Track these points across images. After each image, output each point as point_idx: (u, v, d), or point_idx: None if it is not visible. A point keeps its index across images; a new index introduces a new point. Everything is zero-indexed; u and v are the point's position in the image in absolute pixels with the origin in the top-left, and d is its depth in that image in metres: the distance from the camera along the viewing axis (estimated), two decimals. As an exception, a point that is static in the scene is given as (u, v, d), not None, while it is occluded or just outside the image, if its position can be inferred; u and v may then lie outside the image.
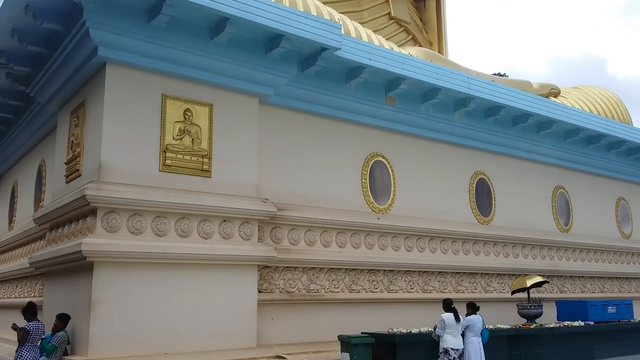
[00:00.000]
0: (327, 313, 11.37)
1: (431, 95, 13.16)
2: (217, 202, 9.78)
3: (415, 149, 13.69)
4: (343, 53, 11.17)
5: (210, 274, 9.65)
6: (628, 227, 19.01)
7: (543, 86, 19.80)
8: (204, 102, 10.18)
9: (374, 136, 12.98)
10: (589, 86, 21.90)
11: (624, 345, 13.81)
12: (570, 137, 16.46)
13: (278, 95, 11.28)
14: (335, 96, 12.10)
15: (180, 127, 9.83)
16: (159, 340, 8.95)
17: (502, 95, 13.98)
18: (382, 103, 12.83)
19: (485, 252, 14.50)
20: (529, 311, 13.00)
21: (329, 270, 11.57)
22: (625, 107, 21.11)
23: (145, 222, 9.18)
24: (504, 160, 15.55)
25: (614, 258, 18.12)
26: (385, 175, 13.04)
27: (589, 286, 17.06)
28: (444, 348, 9.84)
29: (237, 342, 9.67)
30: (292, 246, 11.11)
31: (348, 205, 12.17)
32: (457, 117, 14.11)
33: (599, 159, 17.79)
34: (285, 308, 10.87)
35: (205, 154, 10.00)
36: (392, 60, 12.03)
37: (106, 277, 8.71)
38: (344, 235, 11.93)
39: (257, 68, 10.60)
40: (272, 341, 10.41)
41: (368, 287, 12.10)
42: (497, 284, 14.57)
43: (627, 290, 18.29)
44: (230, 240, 9.93)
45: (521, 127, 15.30)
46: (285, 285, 10.89)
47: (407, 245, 12.96)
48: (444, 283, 13.46)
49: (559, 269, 16.04)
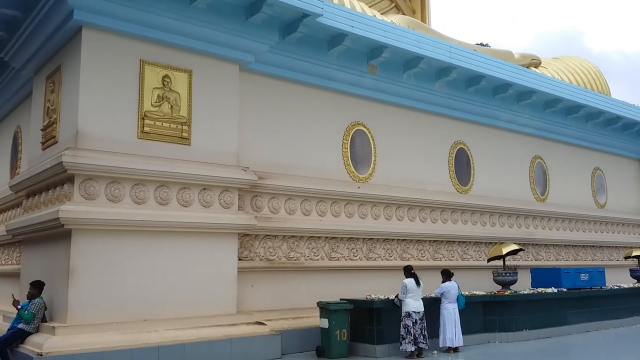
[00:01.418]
0: (307, 280, 11.50)
1: (413, 64, 13.12)
2: (197, 170, 9.72)
3: (396, 118, 13.70)
4: (325, 20, 11.03)
5: (190, 242, 9.66)
6: (603, 197, 19.41)
7: (524, 56, 19.83)
8: (183, 69, 10.02)
9: (356, 105, 12.95)
10: (569, 57, 22.01)
11: (595, 312, 14.26)
12: (549, 107, 16.61)
13: (259, 62, 11.14)
14: (317, 64, 12.00)
15: (159, 93, 9.68)
16: (138, 307, 8.98)
17: (483, 64, 14.00)
18: (364, 71, 12.76)
19: (463, 220, 14.72)
20: (504, 278, 13.30)
21: (309, 239, 11.66)
22: (604, 78, 21.31)
23: (123, 190, 9.11)
24: (483, 130, 15.67)
25: (589, 227, 18.54)
26: (366, 145, 13.06)
27: (563, 254, 17.47)
28: (406, 311, 10.09)
29: (217, 309, 9.76)
30: (273, 214, 11.15)
31: (329, 174, 12.21)
32: (439, 87, 14.11)
33: (577, 129, 18.02)
34: (266, 275, 10.97)
35: (184, 121, 9.88)
36: (375, 27, 11.92)
37: (84, 245, 8.67)
38: (324, 204, 11.99)
39: (237, 34, 10.42)
40: (252, 308, 10.52)
41: (347, 255, 12.24)
42: (473, 251, 14.84)
43: (600, 259, 18.78)
44: (210, 208, 9.92)
45: (501, 97, 15.38)
46: (266, 253, 10.97)
47: (386, 214, 13.09)
48: (422, 251, 13.67)
49: (535, 238, 16.38)
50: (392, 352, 10.21)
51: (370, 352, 10.14)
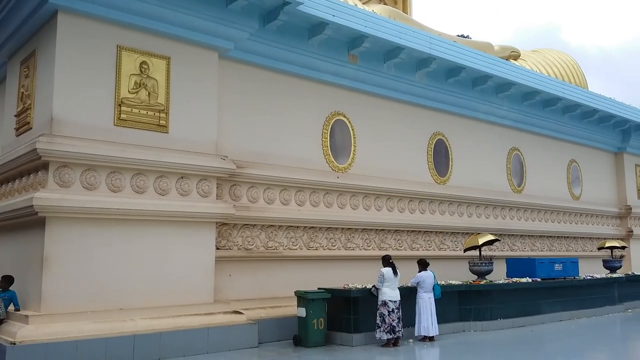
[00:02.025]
0: (285, 270, 11.52)
1: (393, 55, 13.12)
2: (175, 159, 9.63)
3: (376, 108, 13.72)
4: (306, 8, 10.96)
5: (167, 231, 9.59)
6: (578, 189, 19.73)
7: (504, 48, 19.96)
8: (161, 55, 9.88)
9: (336, 95, 12.93)
10: (548, 50, 22.22)
11: (568, 302, 14.53)
12: (527, 99, 16.78)
13: (239, 49, 11.04)
14: (298, 53, 11.93)
15: (136, 80, 9.54)
16: (113, 296, 8.92)
17: (463, 56, 14.06)
18: (344, 61, 12.73)
19: (441, 211, 14.85)
20: (480, 268, 13.48)
21: (288, 228, 11.66)
22: (581, 71, 21.57)
23: (99, 178, 8.99)
24: (462, 122, 15.78)
25: (563, 218, 18.85)
26: (346, 135, 13.07)
27: (538, 245, 17.76)
28: (383, 300, 10.18)
29: (194, 298, 9.73)
30: (251, 204, 11.11)
31: (308, 164, 12.20)
32: (419, 78, 14.16)
33: (554, 121, 18.25)
34: (244, 265, 10.96)
35: (162, 108, 9.76)
36: (356, 17, 11.89)
37: (59, 233, 8.55)
38: (303, 194, 11.99)
39: (217, 20, 10.30)
40: (230, 297, 10.52)
41: (326, 244, 12.28)
42: (450, 242, 15.00)
43: (574, 249, 19.12)
44: (187, 197, 9.86)
45: (480, 89, 15.49)
46: (244, 242, 10.94)
47: (365, 204, 13.14)
48: (400, 241, 13.77)
49: (511, 228, 16.60)
50: (368, 341, 10.30)
51: (347, 340, 10.22)
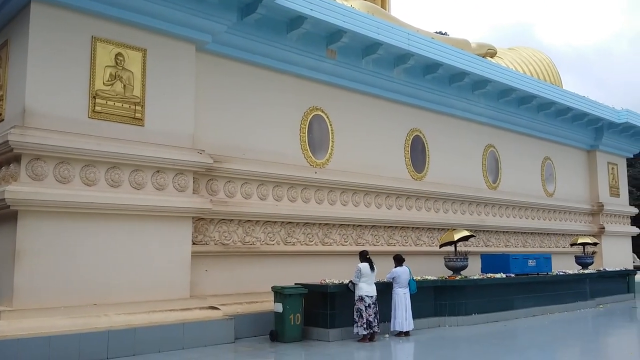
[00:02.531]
0: (262, 265, 11.49)
1: (372, 50, 13.15)
2: (150, 152, 9.51)
3: (355, 104, 13.74)
4: (284, 1, 10.90)
5: (143, 225, 9.48)
6: (552, 186, 20.05)
7: (481, 46, 20.13)
8: (137, 47, 9.73)
9: (314, 90, 12.90)
10: (524, 48, 22.48)
11: (540, 297, 14.78)
12: (503, 97, 16.97)
13: (216, 42, 10.93)
14: (276, 47, 11.87)
15: (112, 72, 9.38)
16: (88, 291, 8.78)
17: (441, 52, 14.15)
18: (322, 56, 12.70)
19: (417, 207, 14.96)
20: (455, 263, 13.62)
21: (265, 223, 11.62)
22: (556, 69, 21.88)
23: (73, 171, 8.83)
24: (439, 118, 15.89)
25: (537, 215, 19.14)
26: (324, 130, 13.06)
27: (512, 241, 18.01)
28: (359, 295, 10.23)
29: (170, 293, 9.64)
30: (228, 198, 11.04)
31: (286, 159, 12.16)
32: (397, 74, 14.21)
33: (529, 119, 18.50)
34: (220, 260, 10.89)
35: (137, 101, 9.63)
36: (334, 12, 11.86)
37: (32, 227, 8.38)
38: (280, 189, 11.96)
39: (194, 13, 10.17)
40: (206, 292, 10.45)
41: (303, 239, 12.27)
42: (426, 237, 15.12)
43: (548, 245, 19.46)
44: (163, 191, 9.74)
45: (457, 86, 15.61)
46: (221, 237, 10.87)
47: (342, 200, 13.16)
48: (377, 236, 13.84)
49: (486, 224, 16.81)
50: (345, 336, 10.33)
51: (324, 335, 10.23)
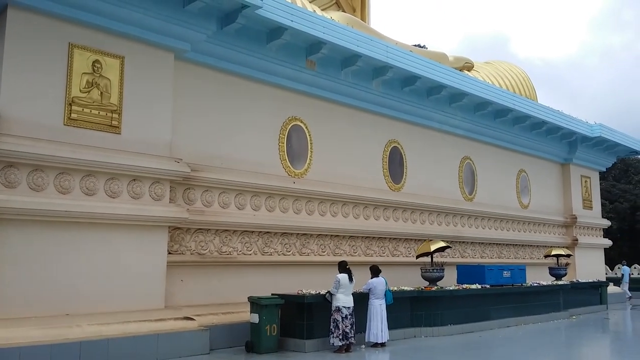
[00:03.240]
0: (238, 275, 11.41)
1: (351, 62, 13.23)
2: (127, 160, 9.41)
3: (334, 115, 13.80)
4: (264, 12, 10.92)
5: (118, 235, 9.35)
6: (527, 198, 20.34)
7: (458, 59, 20.43)
8: (115, 54, 9.65)
9: (293, 100, 12.93)
10: (499, 62, 22.87)
11: (515, 308, 14.94)
12: (479, 110, 17.20)
13: (196, 51, 10.90)
14: (256, 57, 11.88)
15: (88, 79, 9.29)
16: (60, 302, 8.62)
17: (419, 65, 14.30)
18: (302, 67, 12.75)
19: (395, 217, 15.04)
20: (432, 274, 13.71)
21: (242, 233, 11.57)
22: (531, 83, 22.29)
23: (47, 179, 8.69)
24: (417, 130, 16.04)
25: (512, 226, 19.39)
26: (303, 140, 13.08)
27: (488, 252, 18.20)
28: (337, 306, 10.22)
29: (145, 304, 9.51)
30: (206, 208, 10.97)
31: (264, 169, 12.14)
32: (375, 86, 14.32)
33: (504, 132, 18.78)
34: (196, 270, 10.79)
35: (114, 108, 9.53)
36: (314, 23, 11.93)
37: (4, 235, 8.21)
38: (258, 198, 11.92)
39: (173, 21, 10.14)
40: (182, 303, 10.34)
41: (281, 249, 12.24)
42: (403, 248, 15.20)
43: (522, 257, 19.70)
44: (139, 200, 9.64)
45: (435, 99, 15.78)
46: (197, 247, 10.78)
47: (320, 210, 13.17)
48: (354, 247, 13.87)
49: (462, 235, 16.96)
50: (321, 347, 10.30)
51: (300, 346, 10.18)
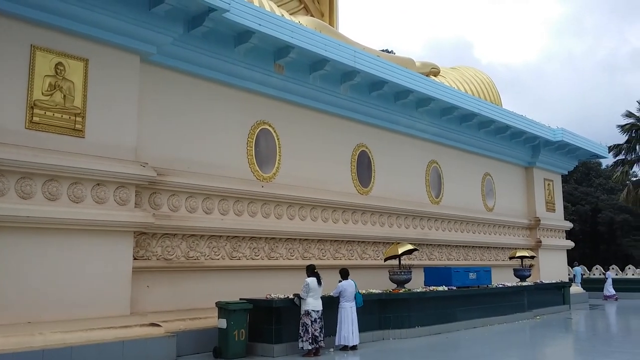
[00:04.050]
0: (206, 280, 11.30)
1: (319, 66, 13.29)
2: (90, 165, 9.22)
3: (302, 119, 13.82)
4: (232, 15, 10.87)
5: (82, 240, 9.16)
6: (492, 201, 20.72)
7: (425, 65, 20.68)
8: (79, 57, 9.47)
9: (262, 104, 12.91)
10: (465, 67, 23.27)
11: (481, 309, 15.19)
12: (446, 114, 17.47)
13: (162, 54, 10.79)
14: (223, 60, 11.82)
15: (51, 81, 9.09)
16: (22, 309, 8.39)
17: (386, 70, 14.45)
18: (270, 71, 12.74)
19: (363, 221, 15.13)
20: (399, 277, 13.84)
21: (210, 238, 11.47)
22: (496, 89, 22.75)
23: (8, 184, 8.46)
24: (384, 134, 16.19)
25: (478, 229, 19.72)
26: (271, 144, 13.06)
27: (454, 254, 18.46)
28: (306, 310, 10.23)
29: (109, 310, 9.33)
30: (172, 212, 10.84)
31: (232, 173, 12.07)
32: (343, 90, 14.41)
33: (470, 136, 19.11)
34: (163, 275, 10.65)
35: (78, 112, 9.35)
36: (282, 27, 11.94)
37: (-40, 242, 7.96)
38: (226, 203, 11.84)
39: (138, 23, 10.01)
40: (148, 309, 10.18)
41: (249, 254, 12.17)
42: (372, 251, 15.30)
43: (488, 259, 20.04)
44: (104, 205, 9.46)
45: (402, 103, 15.96)
46: (163, 252, 10.64)
47: (289, 214, 13.16)
48: (323, 250, 13.90)
49: (429, 238, 17.17)
50: (289, 351, 10.28)
51: (268, 351, 10.15)
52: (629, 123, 33.92)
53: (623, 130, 34.05)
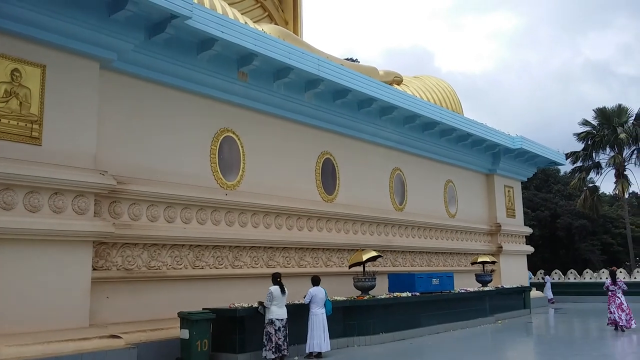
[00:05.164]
0: (168, 290, 11.13)
1: (283, 74, 13.31)
2: (48, 173, 8.99)
3: (266, 126, 13.80)
4: (194, 23, 10.80)
5: (39, 251, 8.90)
6: (454, 207, 21.05)
7: (388, 73, 20.96)
8: (36, 63, 9.25)
9: (225, 111, 12.84)
10: (427, 76, 23.65)
11: (444, 314, 15.38)
12: (408, 122, 17.70)
13: (123, 61, 10.63)
14: (186, 67, 11.72)
15: (7, 88, 8.85)
16: (-26, 323, 8.10)
17: (350, 79, 14.57)
18: (234, 78, 12.70)
19: (328, 228, 15.17)
20: (364, 284, 13.91)
21: (172, 247, 11.31)
22: (457, 97, 23.19)
23: (-41, 193, 8.19)
24: (349, 142, 16.30)
25: (441, 235, 19.99)
26: (235, 152, 12.99)
27: (418, 260, 18.66)
28: (270, 319, 10.19)
29: (68, 322, 9.09)
30: (133, 221, 10.65)
31: (195, 181, 11.95)
32: (307, 98, 14.45)
33: (432, 144, 19.41)
34: (123, 286, 10.43)
35: (35, 119, 9.12)
36: (245, 35, 11.92)
37: None
38: (189, 211, 11.70)
39: (98, 30, 9.84)
40: (108, 320, 9.96)
41: (213, 263, 12.05)
42: (337, 258, 15.34)
43: (450, 264, 20.33)
44: (61, 214, 9.23)
45: (366, 111, 16.11)
46: (124, 262, 10.43)
47: (253, 222, 13.09)
48: (288, 258, 13.86)
49: (393, 245, 17.32)
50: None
51: (232, 361, 10.05)
52: (585, 131, 34.94)
53: (579, 138, 35.07)
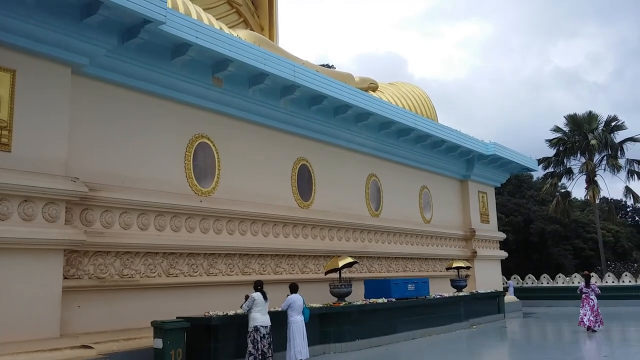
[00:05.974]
0: (142, 299, 10.95)
1: (258, 80, 13.26)
2: (17, 180, 8.77)
3: (241, 132, 13.72)
4: (168, 28, 10.69)
5: (8, 259, 8.66)
6: (429, 213, 21.20)
7: (363, 80, 21.06)
8: (5, 68, 9.04)
9: (200, 117, 12.73)
10: (402, 83, 23.85)
11: (420, 320, 15.45)
12: (384, 129, 17.79)
13: (95, 66, 10.47)
14: (160, 72, 11.60)
15: (-26, 93, 8.64)
16: (-62, 335, 7.85)
17: (326, 85, 14.59)
18: (209, 84, 12.60)
19: (304, 235, 15.13)
20: (340, 290, 13.89)
21: (146, 255, 11.13)
22: (432, 104, 23.41)
23: None
24: (324, 148, 16.31)
25: (416, 240, 20.11)
26: (210, 158, 12.88)
27: (393, 266, 18.74)
28: (254, 326, 10.09)
29: (38, 333, 8.86)
30: (105, 229, 10.46)
31: (169, 187, 11.81)
32: (283, 104, 14.42)
33: (407, 150, 19.54)
34: (95, 295, 10.23)
35: (4, 125, 8.91)
36: (220, 40, 11.84)
37: None
38: (163, 218, 11.55)
39: (70, 34, 9.67)
40: (80, 330, 9.75)
41: (187, 270, 11.90)
42: (313, 265, 15.30)
43: (426, 270, 20.45)
44: (31, 222, 9.01)
45: (342, 118, 16.14)
46: (96, 270, 10.24)
47: (229, 229, 12.98)
48: (264, 265, 13.77)
49: (369, 250, 17.35)
50: (229, 369, 10.08)
51: (207, 370, 9.93)
52: (557, 137, 35.62)
53: (551, 144, 35.72)
